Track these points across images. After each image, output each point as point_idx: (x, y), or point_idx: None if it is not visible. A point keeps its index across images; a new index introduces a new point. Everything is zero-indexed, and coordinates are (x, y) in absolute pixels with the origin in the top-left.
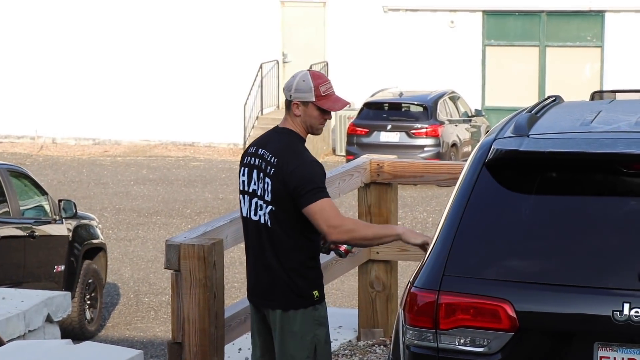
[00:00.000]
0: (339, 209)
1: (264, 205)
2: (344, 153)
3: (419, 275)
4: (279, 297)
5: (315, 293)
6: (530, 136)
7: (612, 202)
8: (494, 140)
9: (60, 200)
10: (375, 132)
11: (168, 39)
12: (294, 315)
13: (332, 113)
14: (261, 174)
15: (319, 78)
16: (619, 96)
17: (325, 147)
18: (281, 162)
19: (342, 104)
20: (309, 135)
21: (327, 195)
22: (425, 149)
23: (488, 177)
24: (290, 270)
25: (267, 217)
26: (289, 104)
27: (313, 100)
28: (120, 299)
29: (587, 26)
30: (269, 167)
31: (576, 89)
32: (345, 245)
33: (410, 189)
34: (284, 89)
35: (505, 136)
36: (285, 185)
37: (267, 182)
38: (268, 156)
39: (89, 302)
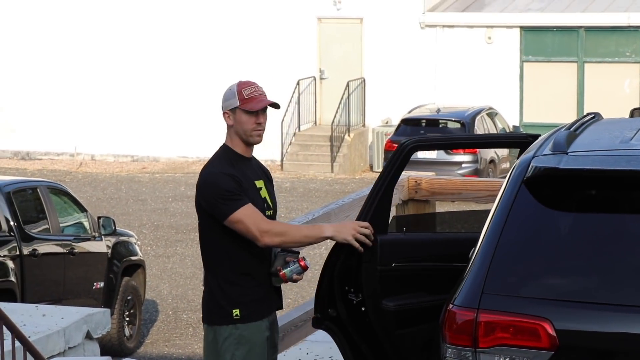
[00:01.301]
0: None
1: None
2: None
3: (458, 293)
4: (205, 311)
5: (235, 312)
6: (569, 154)
7: None
8: (533, 157)
9: (99, 217)
10: None
11: (206, 57)
12: (213, 331)
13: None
14: None
15: (243, 84)
16: None
17: (363, 163)
18: (199, 174)
19: (265, 103)
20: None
21: (241, 203)
22: (463, 165)
23: (527, 195)
24: (213, 285)
25: (198, 231)
26: (224, 117)
27: (237, 104)
28: (158, 316)
29: (625, 42)
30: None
31: (615, 105)
32: (302, 259)
33: (448, 205)
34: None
35: (544, 154)
36: (197, 196)
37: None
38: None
39: (127, 318)
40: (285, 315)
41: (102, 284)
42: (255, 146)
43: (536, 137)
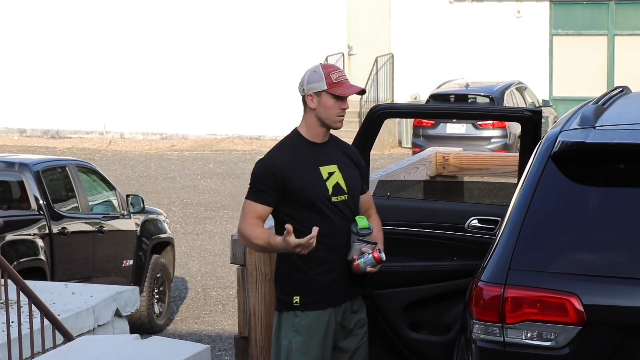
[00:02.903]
0: None
1: None
2: (410, 145)
3: (485, 269)
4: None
5: (296, 299)
6: (597, 128)
7: None
8: (560, 132)
9: (128, 195)
10: (442, 124)
11: (235, 33)
12: (277, 316)
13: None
14: None
15: (329, 67)
16: None
17: (392, 139)
18: None
19: (355, 89)
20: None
21: (250, 197)
22: (492, 140)
23: (554, 170)
24: (279, 271)
25: None
26: (303, 100)
27: (325, 88)
28: (188, 293)
29: None
30: None
31: None
32: (377, 251)
33: (478, 179)
34: (298, 88)
35: (572, 128)
36: None
37: None
38: None
39: (157, 296)
40: None
41: (131, 262)
42: (283, 123)
43: (535, 111)
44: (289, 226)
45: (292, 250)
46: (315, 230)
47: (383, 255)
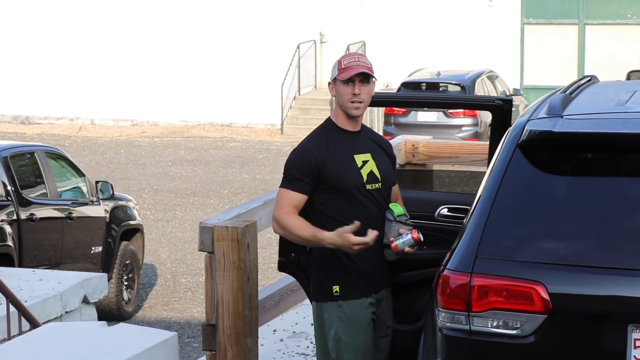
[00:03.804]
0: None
1: None
2: (381, 133)
3: (452, 257)
4: (311, 287)
5: (335, 288)
6: (564, 117)
7: None
8: (528, 121)
9: (97, 182)
10: (413, 112)
11: (207, 20)
12: (317, 307)
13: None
14: None
15: (346, 55)
16: None
17: None
18: None
19: (356, 70)
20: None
21: (285, 185)
22: (463, 128)
23: (521, 159)
24: (316, 260)
25: None
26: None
27: (336, 74)
28: (157, 280)
29: (627, 3)
30: None
31: (617, 68)
32: (415, 232)
33: (448, 168)
34: None
35: (539, 117)
36: None
37: None
38: None
39: (126, 283)
40: (282, 279)
41: (100, 249)
42: (254, 111)
43: (505, 100)
44: (358, 223)
45: (348, 248)
46: (357, 224)
47: (421, 236)
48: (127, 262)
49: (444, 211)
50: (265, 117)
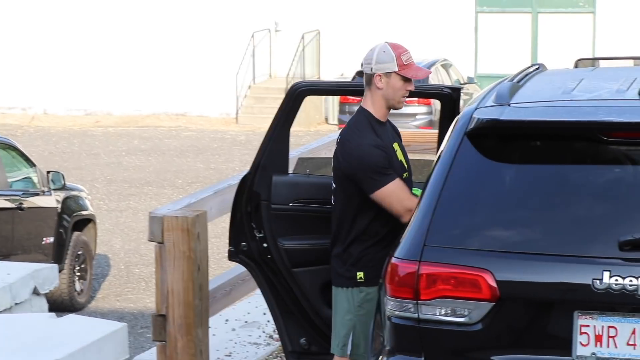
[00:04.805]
0: None
1: (333, 184)
2: (336, 122)
3: (400, 245)
4: (333, 273)
5: (360, 274)
6: (511, 105)
7: (592, 170)
8: (475, 109)
9: (48, 172)
10: None
11: (160, 8)
12: (341, 292)
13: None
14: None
15: (399, 48)
16: (602, 64)
17: (318, 116)
18: (340, 141)
19: (424, 72)
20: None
21: (387, 180)
22: (417, 117)
23: (469, 147)
24: (339, 248)
25: (333, 195)
26: (369, 78)
27: (396, 69)
28: (110, 271)
29: None
30: (336, 145)
31: (568, 56)
32: None
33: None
34: (362, 64)
35: (487, 105)
36: (342, 164)
37: (333, 161)
38: (338, 136)
39: (78, 273)
40: (233, 269)
41: (51, 239)
42: (209, 100)
43: (454, 89)
44: None
45: None
46: None
47: None
48: (80, 252)
49: None
50: (220, 106)
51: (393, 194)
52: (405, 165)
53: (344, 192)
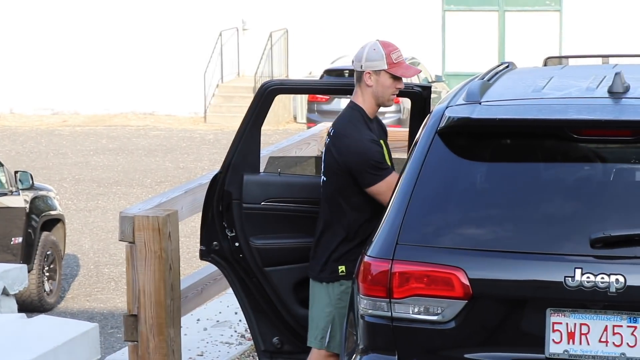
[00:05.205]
0: None
1: (322, 176)
2: (305, 121)
3: (373, 244)
4: (313, 267)
5: (341, 268)
6: (482, 103)
7: (563, 168)
8: (446, 108)
9: (16, 172)
10: (336, 99)
11: (128, 7)
12: (321, 287)
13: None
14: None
15: (389, 46)
16: (571, 62)
17: (287, 114)
18: (336, 135)
19: (414, 71)
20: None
21: (384, 174)
22: (386, 115)
23: (441, 145)
24: (322, 242)
25: (322, 188)
26: (360, 75)
27: (385, 67)
28: (80, 270)
29: None
30: (328, 139)
31: (535, 54)
32: None
33: None
34: (352, 61)
35: (458, 104)
36: (339, 158)
37: (324, 154)
38: (331, 130)
39: (47, 274)
40: (204, 268)
41: (20, 239)
42: (177, 99)
43: (424, 87)
44: None
45: None
46: None
47: None
48: (49, 252)
49: None
50: (188, 105)
51: (390, 187)
52: (389, 163)
53: (334, 186)
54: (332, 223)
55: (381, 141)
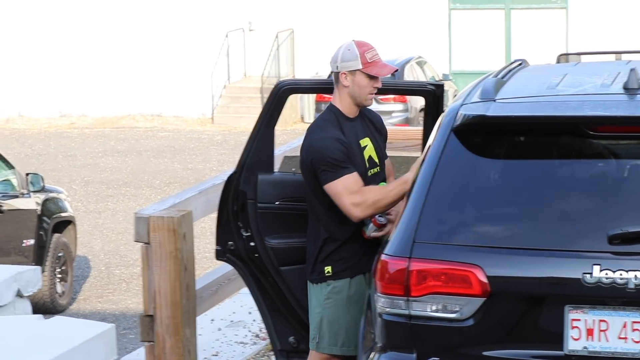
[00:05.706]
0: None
1: None
2: (312, 120)
3: (390, 242)
4: (307, 268)
5: (327, 269)
6: (497, 101)
7: (579, 164)
8: (461, 105)
9: (27, 174)
10: None
11: (133, 10)
12: (311, 287)
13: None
14: None
15: (363, 46)
16: (584, 58)
17: (294, 114)
18: (305, 135)
19: (389, 69)
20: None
21: (336, 175)
22: (394, 114)
23: (456, 143)
24: (309, 243)
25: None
26: (336, 76)
27: (360, 67)
28: (91, 272)
29: None
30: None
31: (542, 51)
32: (377, 218)
33: None
34: (330, 63)
35: (472, 101)
36: (302, 155)
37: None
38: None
39: (59, 275)
40: (219, 268)
41: (32, 242)
42: (184, 100)
43: (437, 85)
44: None
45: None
46: None
47: (381, 219)
48: (60, 254)
49: None
50: (195, 106)
51: (344, 188)
52: (377, 161)
53: (309, 186)
54: (313, 224)
55: (365, 140)
